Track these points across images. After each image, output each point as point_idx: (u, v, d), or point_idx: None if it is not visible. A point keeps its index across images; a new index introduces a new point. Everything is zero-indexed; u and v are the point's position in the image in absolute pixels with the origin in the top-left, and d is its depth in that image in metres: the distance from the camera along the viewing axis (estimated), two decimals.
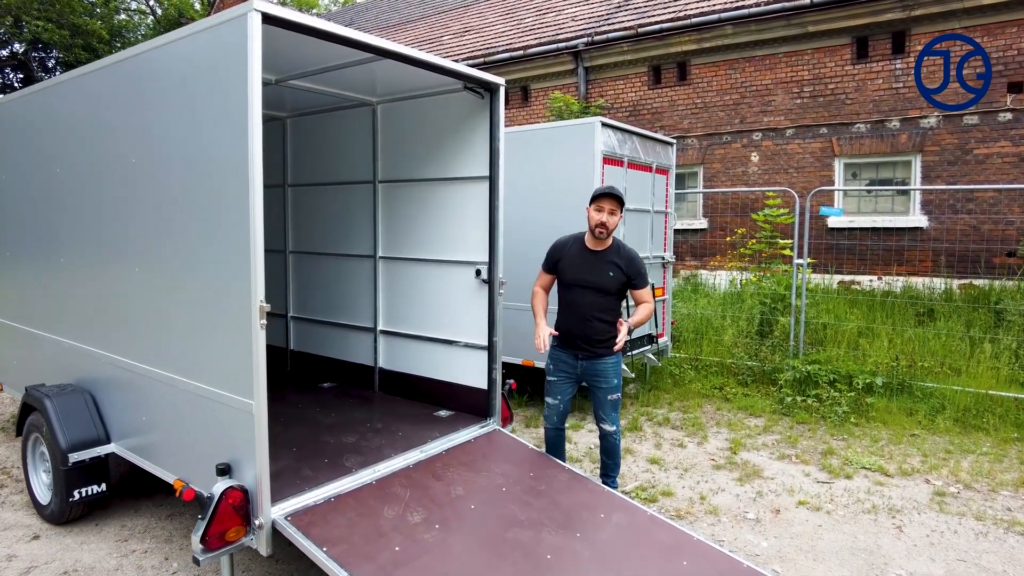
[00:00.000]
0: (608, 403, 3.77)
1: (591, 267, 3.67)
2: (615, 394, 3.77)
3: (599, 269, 3.65)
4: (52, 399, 3.76)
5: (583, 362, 3.74)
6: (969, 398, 5.71)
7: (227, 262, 2.79)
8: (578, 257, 3.71)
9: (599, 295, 3.64)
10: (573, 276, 3.70)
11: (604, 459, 3.93)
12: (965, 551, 3.53)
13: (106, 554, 3.53)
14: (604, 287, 3.65)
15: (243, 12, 2.61)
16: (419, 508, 3.07)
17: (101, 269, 3.72)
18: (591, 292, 3.65)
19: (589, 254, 3.70)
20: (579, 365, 3.75)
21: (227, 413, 2.86)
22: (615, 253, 3.70)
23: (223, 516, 2.72)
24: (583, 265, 3.69)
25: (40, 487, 3.98)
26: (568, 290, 3.74)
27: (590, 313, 3.66)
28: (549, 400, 3.88)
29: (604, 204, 3.56)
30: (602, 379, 3.74)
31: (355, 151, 4.88)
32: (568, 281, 3.73)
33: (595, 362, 3.72)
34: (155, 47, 3.13)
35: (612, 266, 3.65)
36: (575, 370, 3.77)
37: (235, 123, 2.68)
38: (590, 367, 3.73)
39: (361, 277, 4.94)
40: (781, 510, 4.04)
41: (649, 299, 3.79)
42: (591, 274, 3.66)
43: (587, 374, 3.76)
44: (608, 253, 3.69)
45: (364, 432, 3.90)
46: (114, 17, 29.32)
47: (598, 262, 3.67)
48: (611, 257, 3.67)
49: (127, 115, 3.36)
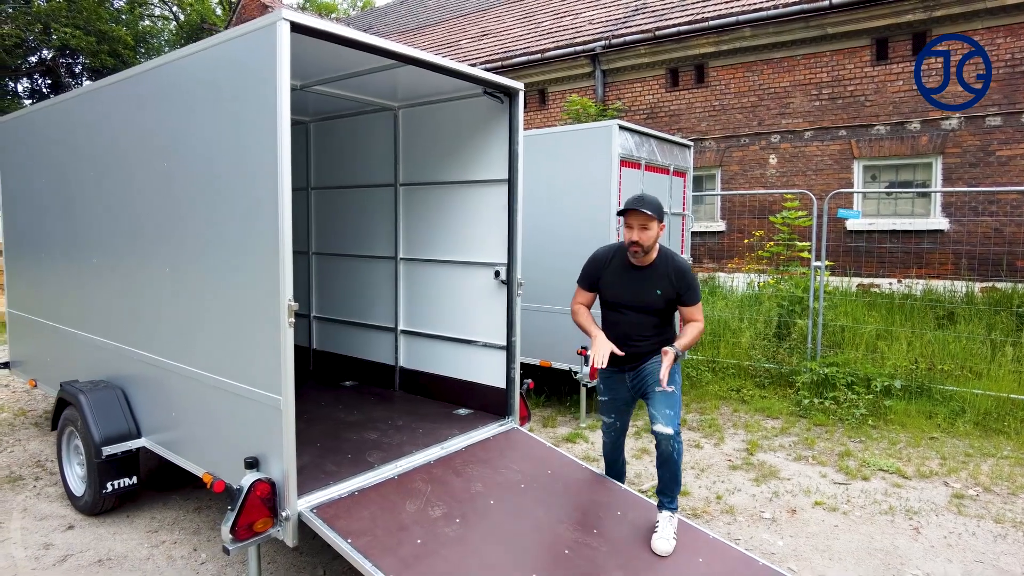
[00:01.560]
0: (659, 396, 3.16)
1: (635, 286, 3.29)
2: (664, 387, 3.13)
3: (644, 288, 3.27)
4: (87, 394, 3.90)
5: (632, 374, 3.38)
6: (990, 402, 5.67)
7: (257, 263, 2.89)
8: (620, 274, 3.33)
9: (645, 315, 3.28)
10: (615, 296, 3.34)
11: (660, 472, 3.25)
12: (983, 552, 3.53)
13: (137, 544, 3.65)
14: (652, 306, 3.27)
15: (272, 21, 2.72)
16: (439, 503, 3.14)
17: (133, 269, 3.85)
18: (637, 313, 3.29)
19: (632, 271, 3.30)
20: (629, 378, 3.40)
21: (255, 408, 2.96)
22: (662, 266, 3.27)
23: (251, 508, 2.81)
24: (625, 284, 3.31)
25: (74, 479, 4.12)
26: (612, 311, 3.38)
27: (636, 334, 3.30)
28: (604, 419, 3.60)
29: (632, 220, 3.16)
30: (649, 374, 3.29)
31: (376, 155, 4.98)
32: (609, 301, 3.37)
33: (640, 366, 3.36)
34: (187, 55, 3.24)
35: (660, 282, 3.25)
36: (625, 383, 3.41)
37: (265, 128, 2.78)
38: (638, 374, 3.36)
39: (382, 278, 5.04)
40: (797, 510, 4.06)
41: (699, 317, 3.30)
42: (635, 294, 3.28)
43: (637, 381, 3.37)
44: (654, 268, 3.27)
45: (385, 429, 3.98)
46: (138, 23, 29.90)
47: (643, 279, 3.28)
48: (658, 272, 3.26)
49: (159, 120, 3.49)
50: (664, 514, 3.18)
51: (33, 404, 6.34)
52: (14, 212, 5.38)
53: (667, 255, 3.31)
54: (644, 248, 3.18)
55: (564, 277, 5.65)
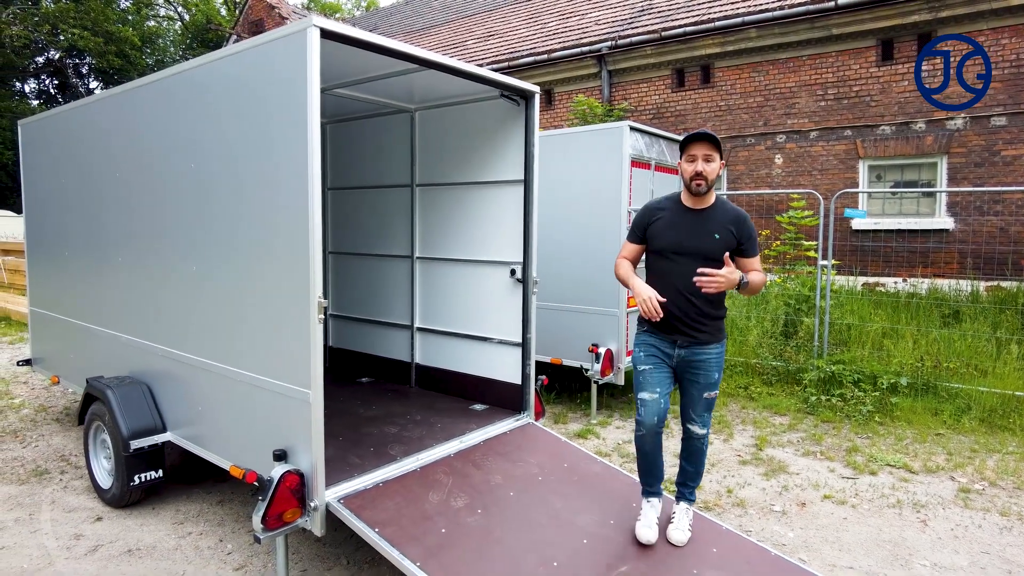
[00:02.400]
0: (703, 402, 3.13)
1: (691, 229, 3.02)
2: (713, 391, 3.13)
3: (702, 231, 3.00)
4: (114, 390, 4.01)
5: (681, 350, 3.07)
6: (995, 399, 5.75)
7: (286, 261, 2.99)
8: (675, 217, 3.06)
9: (703, 264, 2.95)
10: (669, 240, 3.04)
11: (684, 464, 3.27)
12: (989, 544, 3.62)
13: (165, 535, 3.76)
14: (709, 253, 2.97)
15: (303, 27, 2.82)
16: (461, 494, 3.24)
17: (159, 267, 3.95)
18: (692, 260, 2.97)
19: (689, 213, 3.05)
20: (676, 354, 3.08)
21: (284, 402, 3.06)
22: (721, 211, 3.05)
23: (281, 498, 2.91)
24: (681, 227, 3.04)
25: (101, 472, 4.23)
26: (662, 259, 3.07)
27: (691, 286, 2.96)
28: (645, 395, 3.08)
29: (696, 150, 2.96)
30: (701, 372, 3.09)
31: (394, 156, 5.08)
32: (663, 247, 3.06)
33: (697, 350, 3.06)
34: (217, 59, 3.35)
35: (718, 227, 3.00)
36: (671, 359, 3.10)
37: (295, 130, 2.88)
38: (689, 356, 3.07)
39: (399, 277, 5.14)
40: (807, 503, 4.15)
41: (760, 269, 3.09)
42: (692, 237, 3.01)
43: (684, 365, 3.10)
44: (712, 211, 3.04)
45: (405, 424, 4.09)
46: (144, 24, 30.08)
47: (700, 222, 3.02)
48: (716, 216, 3.03)
49: (188, 122, 3.59)
50: (682, 505, 3.23)
51: (53, 401, 6.45)
52: (38, 213, 5.50)
53: (724, 202, 3.10)
54: (708, 181, 2.96)
55: (575, 276, 5.76)
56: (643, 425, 3.09)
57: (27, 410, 6.13)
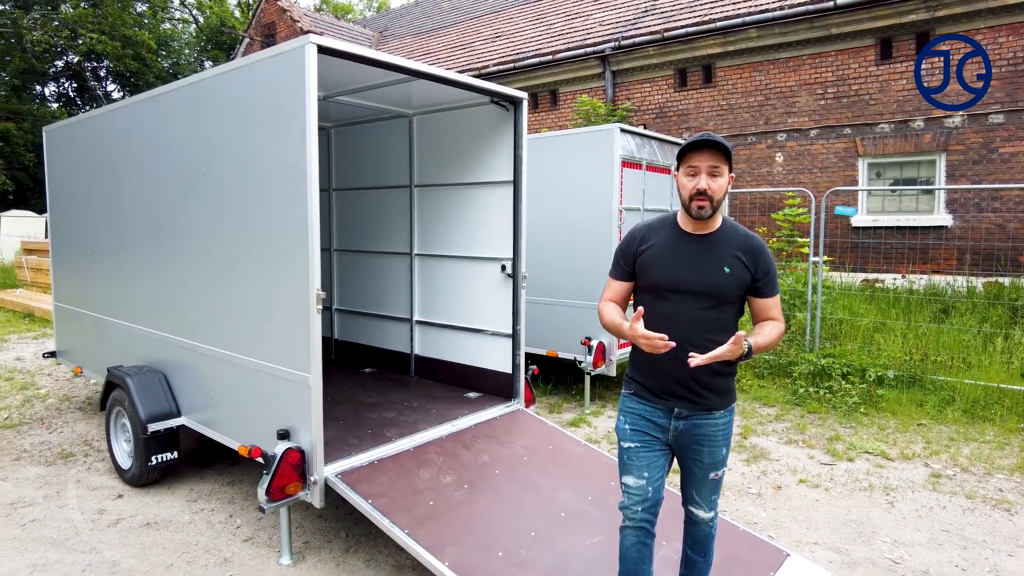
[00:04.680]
0: (708, 484, 2.45)
1: (694, 260, 2.33)
2: (719, 470, 2.44)
3: (707, 262, 2.31)
4: (133, 377, 4.32)
5: (680, 422, 2.38)
6: (979, 391, 5.91)
7: (288, 256, 3.27)
8: (673, 246, 2.36)
9: (709, 306, 2.30)
10: (666, 275, 2.34)
11: (688, 552, 2.61)
12: (950, 523, 3.82)
13: (179, 511, 4.06)
14: (718, 291, 2.30)
15: (302, 44, 3.09)
16: (450, 471, 3.51)
17: (174, 264, 4.26)
18: (696, 301, 2.30)
19: (689, 241, 2.35)
20: (673, 427, 2.39)
21: (286, 386, 3.34)
22: (731, 237, 2.35)
23: (284, 472, 3.20)
24: (681, 257, 2.34)
25: (121, 454, 4.55)
26: (657, 299, 2.36)
27: (697, 336, 2.28)
28: (629, 480, 2.41)
29: (698, 161, 2.26)
30: (706, 449, 2.39)
31: (393, 158, 5.36)
32: (657, 284, 2.36)
33: (700, 421, 2.37)
34: (226, 71, 3.64)
35: (728, 257, 2.31)
36: (665, 433, 2.41)
37: (295, 137, 3.16)
38: (690, 429, 2.38)
39: (398, 272, 5.43)
40: (782, 487, 4.37)
41: (779, 316, 2.38)
42: (696, 271, 2.32)
43: (683, 440, 2.40)
44: (720, 237, 2.35)
45: (402, 409, 4.36)
46: (160, 27, 30.66)
47: (705, 252, 2.33)
48: (725, 243, 2.33)
49: (199, 129, 3.89)
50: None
51: (75, 391, 6.81)
52: (61, 213, 5.84)
53: (734, 225, 2.40)
54: (714, 202, 2.26)
55: (569, 272, 6.01)
56: (627, 517, 2.42)
57: (52, 399, 6.49)
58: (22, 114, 24.13)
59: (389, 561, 3.44)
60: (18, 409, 6.15)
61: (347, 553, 3.54)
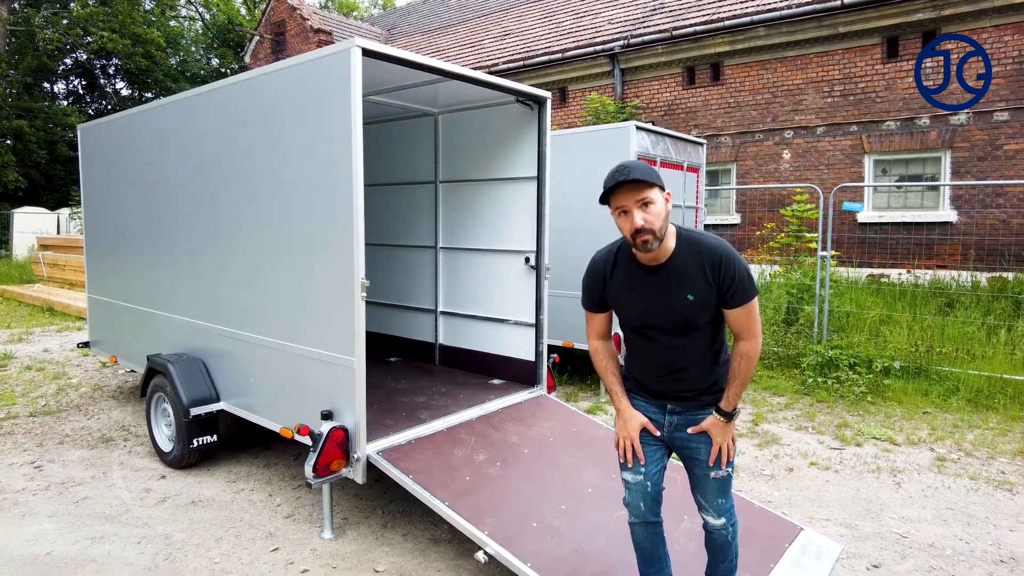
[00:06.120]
0: (711, 484, 2.44)
1: (655, 294, 2.33)
2: (720, 471, 2.41)
3: (669, 294, 2.31)
4: (175, 364, 4.54)
5: (674, 416, 2.44)
6: (983, 380, 6.10)
7: (334, 247, 3.48)
8: (632, 281, 2.38)
9: (682, 334, 2.32)
10: (634, 315, 2.39)
11: (710, 557, 2.62)
12: (955, 502, 4.03)
13: (221, 490, 4.29)
14: (685, 322, 2.31)
15: (348, 47, 3.29)
16: (482, 451, 3.72)
17: (215, 256, 4.46)
18: (667, 334, 2.34)
19: (647, 275, 2.35)
20: (667, 421, 2.45)
21: (331, 369, 3.56)
22: (687, 257, 2.30)
23: (329, 450, 3.41)
24: (642, 294, 2.35)
25: (162, 438, 4.77)
26: (634, 334, 2.44)
27: (676, 363, 2.38)
28: (627, 476, 2.50)
29: (623, 200, 2.22)
30: (703, 445, 2.41)
31: (419, 155, 5.57)
32: (628, 324, 2.45)
33: (693, 416, 2.41)
34: (270, 72, 3.84)
35: (689, 283, 2.28)
36: (661, 428, 2.47)
37: (341, 135, 3.37)
38: (685, 423, 2.42)
39: (424, 265, 5.64)
40: (794, 469, 4.57)
41: (753, 328, 2.30)
42: (659, 306, 2.32)
43: (680, 435, 2.45)
44: (677, 264, 2.30)
45: (431, 395, 4.58)
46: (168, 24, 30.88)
47: (664, 283, 2.31)
48: (683, 268, 2.29)
49: (243, 127, 4.09)
50: None
51: (106, 381, 7.04)
52: (96, 208, 6.06)
53: (690, 239, 2.32)
54: (656, 234, 2.21)
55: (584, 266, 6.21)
56: (631, 514, 2.52)
57: (84, 388, 6.72)
58: (34, 112, 24.38)
59: (425, 535, 3.65)
60: (54, 397, 6.38)
61: (385, 528, 3.76)
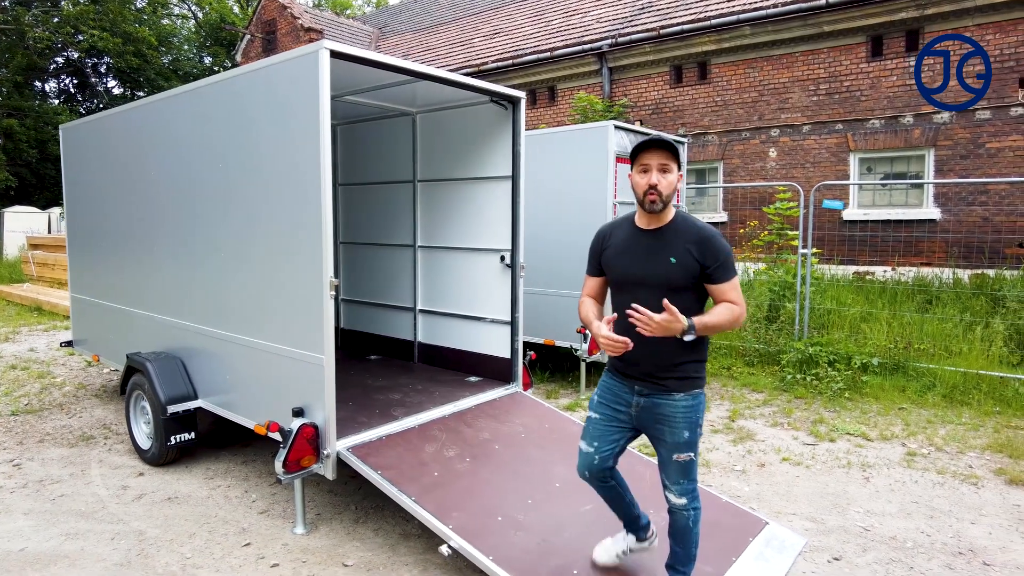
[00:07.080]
0: (674, 465, 2.56)
1: (645, 253, 2.55)
2: (685, 453, 2.54)
3: (656, 255, 2.52)
4: (152, 362, 4.58)
5: (641, 399, 2.59)
6: (959, 377, 6.17)
7: (303, 246, 3.51)
8: (627, 242, 2.61)
9: (663, 295, 2.42)
10: (623, 270, 2.60)
11: (670, 541, 2.71)
12: (920, 496, 4.09)
13: (198, 487, 4.32)
14: (667, 282, 2.48)
15: (315, 49, 3.33)
16: (453, 447, 3.77)
17: (191, 256, 4.50)
18: (652, 292, 2.47)
19: (642, 236, 2.58)
20: (635, 403, 2.61)
21: (301, 367, 3.59)
22: (679, 229, 2.53)
23: (299, 446, 3.45)
24: (635, 252, 2.57)
25: (141, 435, 4.80)
26: (621, 293, 2.63)
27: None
28: (582, 445, 2.72)
29: (650, 159, 2.47)
30: (667, 428, 2.54)
31: (397, 154, 5.61)
32: (617, 278, 2.64)
33: (660, 401, 2.54)
34: (243, 73, 3.87)
35: (676, 249, 2.49)
36: (628, 408, 2.63)
37: (309, 135, 3.40)
38: (651, 407, 2.57)
39: (402, 263, 5.68)
40: (766, 464, 4.63)
41: (736, 299, 2.49)
42: (646, 264, 2.54)
43: (645, 418, 2.60)
44: (669, 230, 2.54)
45: (407, 392, 4.62)
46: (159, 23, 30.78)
47: (655, 245, 2.53)
48: (674, 236, 2.52)
49: (217, 127, 4.12)
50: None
51: (90, 379, 7.06)
52: (78, 208, 6.08)
53: (685, 217, 2.59)
54: (664, 197, 2.47)
55: (566, 264, 6.26)
56: (578, 472, 2.77)
57: (68, 387, 6.75)
58: (24, 111, 24.31)
59: (396, 530, 3.70)
60: (37, 396, 6.41)
61: (356, 523, 3.80)
